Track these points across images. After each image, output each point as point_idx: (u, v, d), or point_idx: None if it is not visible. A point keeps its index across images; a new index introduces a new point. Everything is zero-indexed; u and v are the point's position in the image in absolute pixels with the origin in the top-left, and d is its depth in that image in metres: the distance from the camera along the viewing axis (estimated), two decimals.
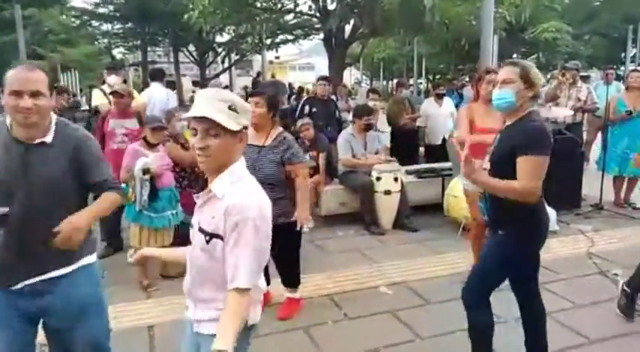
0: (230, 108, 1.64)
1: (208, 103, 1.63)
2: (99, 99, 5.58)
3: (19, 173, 1.96)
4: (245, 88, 15.36)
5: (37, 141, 1.98)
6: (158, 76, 6.81)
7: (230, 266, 1.63)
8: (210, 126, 1.63)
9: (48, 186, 1.99)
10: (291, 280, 3.74)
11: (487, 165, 2.57)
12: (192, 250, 1.79)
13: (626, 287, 3.58)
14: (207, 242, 1.69)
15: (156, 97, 6.31)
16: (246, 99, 3.48)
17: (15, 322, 2.06)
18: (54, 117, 2.05)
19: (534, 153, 2.38)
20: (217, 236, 1.67)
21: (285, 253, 3.47)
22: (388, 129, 7.94)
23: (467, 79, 13.82)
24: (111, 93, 4.98)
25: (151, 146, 4.14)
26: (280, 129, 3.54)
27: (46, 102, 1.95)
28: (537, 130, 2.44)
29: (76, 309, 2.12)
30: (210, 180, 1.72)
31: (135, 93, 5.45)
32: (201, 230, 1.72)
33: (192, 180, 4.73)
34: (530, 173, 2.38)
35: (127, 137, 4.72)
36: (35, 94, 1.91)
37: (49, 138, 2.00)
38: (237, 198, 1.64)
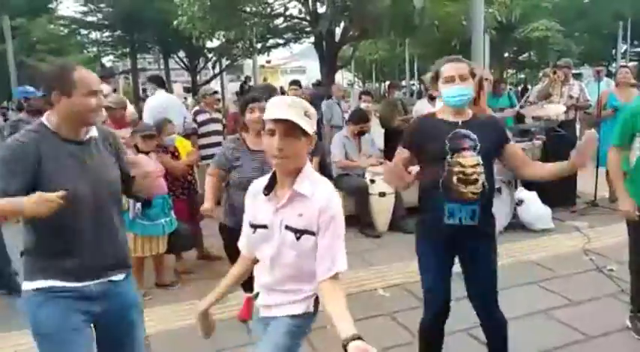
0: (305, 114, 1.77)
1: (290, 108, 1.74)
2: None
3: (80, 172, 1.98)
4: (236, 93, 15.32)
5: (86, 137, 2.03)
6: (163, 82, 6.64)
7: (327, 256, 1.79)
8: (289, 129, 1.74)
9: (107, 179, 2.07)
10: None
11: (474, 160, 2.43)
12: (274, 250, 1.87)
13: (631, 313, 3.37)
14: (298, 238, 1.82)
15: (170, 104, 6.00)
16: (245, 105, 3.48)
17: (83, 325, 2.02)
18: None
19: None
20: (309, 232, 1.81)
21: None
22: (381, 131, 7.93)
23: None
24: (105, 108, 4.97)
25: (143, 154, 4.10)
26: None
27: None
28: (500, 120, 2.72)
29: (128, 316, 2.14)
30: (284, 181, 1.85)
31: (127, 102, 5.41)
32: (288, 228, 1.83)
33: (185, 188, 4.70)
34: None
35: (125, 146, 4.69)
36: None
37: (94, 133, 2.07)
38: (327, 194, 1.83)
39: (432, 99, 7.68)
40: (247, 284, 3.69)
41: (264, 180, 1.92)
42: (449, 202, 2.45)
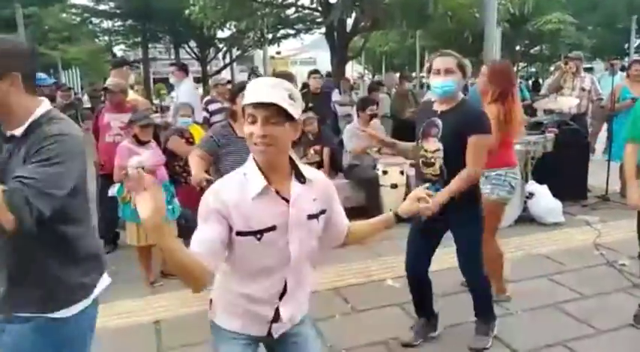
0: (290, 97, 1.57)
1: (273, 90, 1.55)
2: (132, 95, 5.52)
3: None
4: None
5: (9, 133, 1.68)
6: (188, 71, 6.76)
7: (340, 219, 1.91)
8: (272, 114, 1.55)
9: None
10: None
11: (436, 146, 2.81)
12: (296, 247, 1.69)
13: None
14: (319, 223, 1.77)
15: (194, 93, 6.36)
16: (235, 93, 3.38)
17: None
18: (39, 113, 1.69)
19: (483, 132, 2.77)
20: (324, 211, 1.79)
21: None
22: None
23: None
24: (103, 89, 5.03)
25: (142, 143, 4.08)
26: None
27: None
28: (481, 113, 2.87)
29: None
30: (275, 173, 1.65)
31: (130, 90, 5.41)
32: (311, 217, 1.73)
33: (191, 174, 4.72)
34: (481, 151, 2.76)
35: (123, 131, 4.67)
36: None
37: (18, 132, 1.66)
38: (315, 170, 1.86)
39: None
40: None
41: (239, 184, 1.64)
42: (419, 180, 2.96)
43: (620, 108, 6.09)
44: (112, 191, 4.10)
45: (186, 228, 4.45)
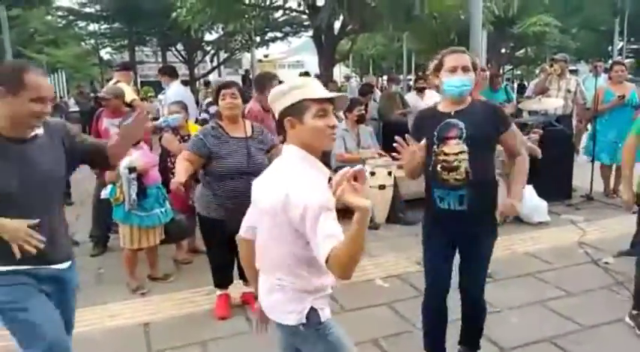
0: None
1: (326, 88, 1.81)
2: (131, 95, 5.54)
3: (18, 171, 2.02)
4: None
5: (30, 135, 2.06)
6: (176, 73, 6.75)
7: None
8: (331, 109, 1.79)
9: (49, 176, 2.10)
10: None
11: (459, 148, 2.53)
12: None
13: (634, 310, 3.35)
14: None
15: (185, 93, 6.36)
16: (217, 93, 3.46)
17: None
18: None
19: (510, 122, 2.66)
20: None
21: None
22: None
23: None
24: (96, 98, 5.06)
25: (133, 144, 4.05)
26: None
27: None
28: (498, 105, 2.84)
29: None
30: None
31: (125, 89, 5.40)
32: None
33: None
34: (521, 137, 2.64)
35: None
36: (51, 101, 2.05)
37: (39, 130, 2.09)
38: None
39: (419, 91, 7.72)
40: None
41: (320, 179, 1.75)
42: (437, 188, 2.61)
43: (604, 109, 6.18)
44: (105, 193, 4.08)
45: (176, 233, 4.44)
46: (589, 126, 7.72)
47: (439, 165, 2.57)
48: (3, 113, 1.97)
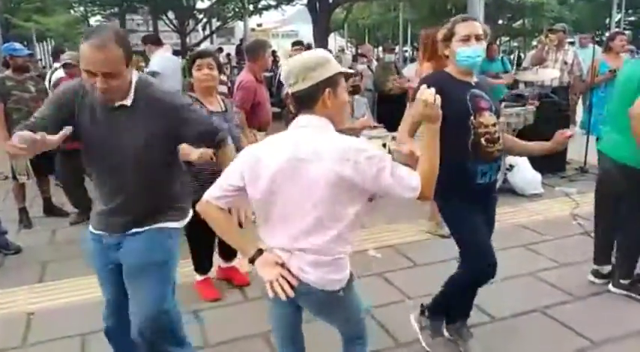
0: None
1: None
2: None
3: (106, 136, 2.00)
4: (228, 55, 15.07)
5: (118, 104, 1.98)
6: (159, 41, 6.39)
7: None
8: None
9: (131, 144, 2.00)
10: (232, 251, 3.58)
11: (493, 119, 2.46)
12: None
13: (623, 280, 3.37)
14: None
15: (167, 62, 5.95)
16: (191, 62, 3.16)
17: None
18: (134, 78, 2.00)
19: None
20: None
21: None
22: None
23: None
24: (63, 65, 4.88)
25: None
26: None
27: (121, 82, 1.90)
28: None
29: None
30: None
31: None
32: None
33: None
34: None
35: None
36: (108, 75, 1.83)
37: (127, 102, 1.98)
38: None
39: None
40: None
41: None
42: (480, 163, 2.45)
43: (600, 81, 6.12)
44: None
45: None
46: (579, 99, 7.71)
47: (483, 138, 2.42)
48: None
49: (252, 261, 1.82)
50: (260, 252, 1.80)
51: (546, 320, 3.09)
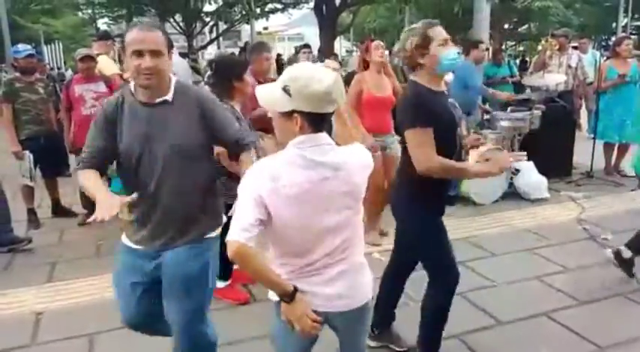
0: None
1: None
2: (112, 68, 5.26)
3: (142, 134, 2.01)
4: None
5: (158, 100, 2.02)
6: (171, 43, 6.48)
7: None
8: None
9: (172, 142, 2.02)
10: None
11: (464, 129, 2.59)
12: None
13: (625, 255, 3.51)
14: None
15: (180, 67, 5.99)
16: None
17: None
18: (174, 78, 2.09)
19: None
20: None
21: None
22: None
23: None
24: (81, 59, 4.83)
25: None
26: None
27: (164, 67, 1.97)
28: None
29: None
30: None
31: (105, 62, 5.25)
32: None
33: None
34: None
35: (98, 101, 4.58)
36: (155, 54, 1.92)
37: (168, 97, 2.04)
38: None
39: None
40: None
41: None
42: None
43: (607, 86, 6.11)
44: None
45: None
46: (583, 103, 7.71)
47: (464, 150, 2.47)
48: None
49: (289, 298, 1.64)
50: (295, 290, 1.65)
51: (552, 325, 3.09)
